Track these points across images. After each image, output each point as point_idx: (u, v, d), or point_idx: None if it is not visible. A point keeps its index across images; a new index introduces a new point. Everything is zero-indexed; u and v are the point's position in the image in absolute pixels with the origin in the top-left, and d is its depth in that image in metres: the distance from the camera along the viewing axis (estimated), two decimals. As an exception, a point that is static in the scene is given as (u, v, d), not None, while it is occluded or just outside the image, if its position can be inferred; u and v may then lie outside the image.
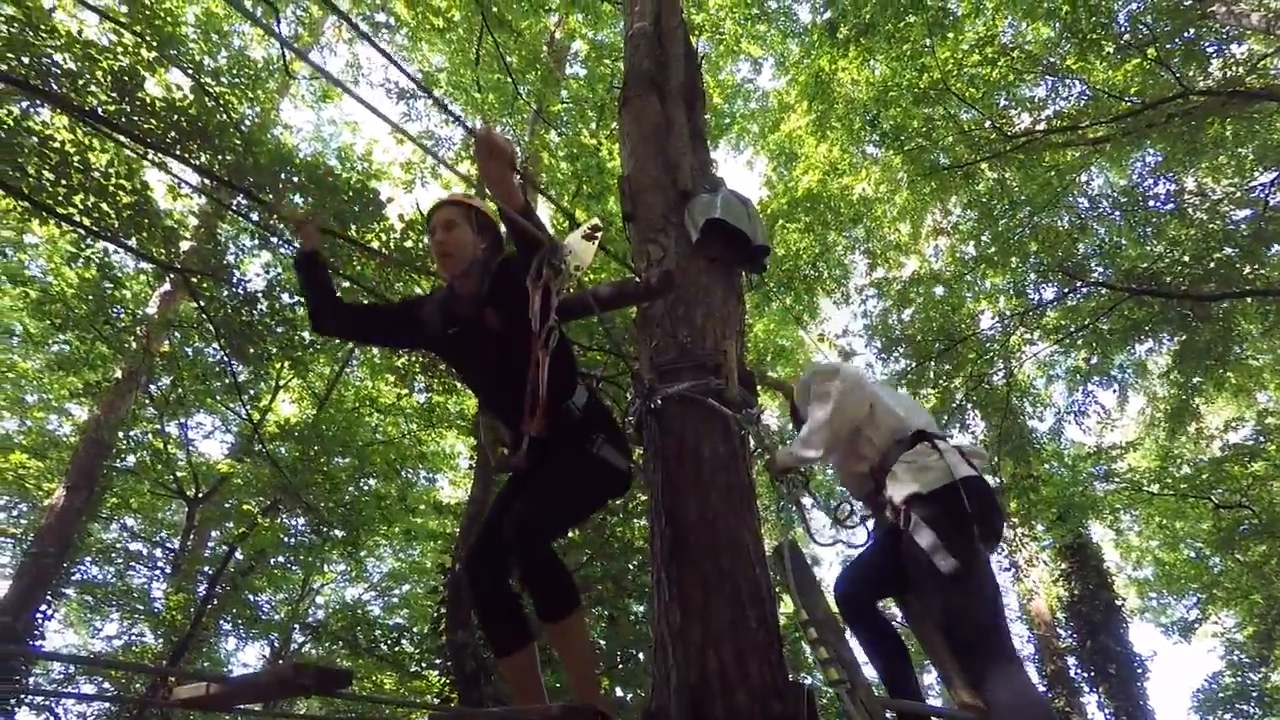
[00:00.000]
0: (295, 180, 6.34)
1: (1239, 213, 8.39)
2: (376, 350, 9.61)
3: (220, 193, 6.88)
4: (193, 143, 5.93)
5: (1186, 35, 7.43)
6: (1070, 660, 13.62)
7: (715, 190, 3.39)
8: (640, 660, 7.88)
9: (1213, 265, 7.82)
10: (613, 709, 2.09)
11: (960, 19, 8.96)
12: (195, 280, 6.50)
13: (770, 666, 2.26)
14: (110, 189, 5.78)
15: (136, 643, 11.23)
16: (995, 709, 1.98)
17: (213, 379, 8.56)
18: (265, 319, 6.64)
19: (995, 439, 10.17)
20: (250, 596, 11.44)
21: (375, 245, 6.58)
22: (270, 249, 7.41)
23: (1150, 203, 8.98)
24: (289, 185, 6.33)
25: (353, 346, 9.67)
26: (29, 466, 10.58)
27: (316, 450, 9.18)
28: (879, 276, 12.11)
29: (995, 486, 10.88)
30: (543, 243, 1.96)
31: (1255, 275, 7.83)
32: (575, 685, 2.07)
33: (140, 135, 5.56)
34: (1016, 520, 13.38)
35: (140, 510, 11.86)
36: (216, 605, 10.29)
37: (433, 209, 2.30)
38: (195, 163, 5.93)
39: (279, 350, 7.09)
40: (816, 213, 10.52)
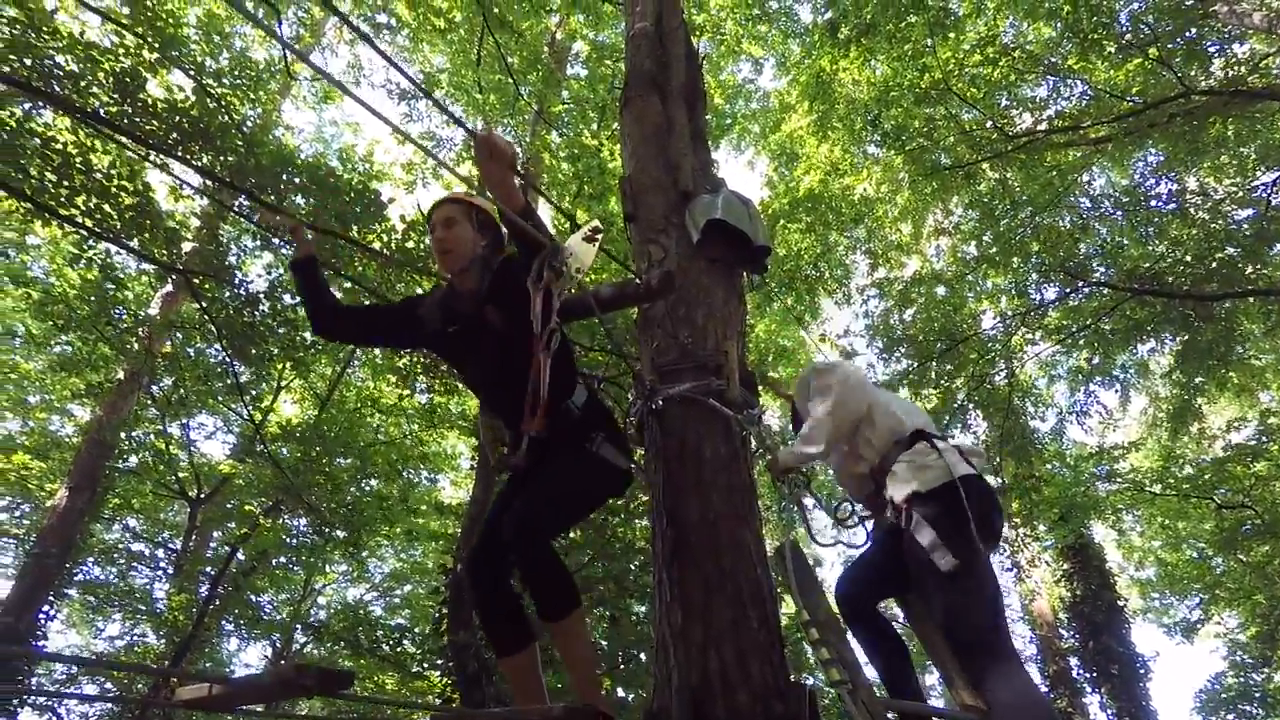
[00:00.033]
0: (297, 181, 6.35)
1: (1241, 212, 8.39)
2: (378, 351, 9.62)
3: (222, 194, 6.89)
4: (194, 144, 5.94)
5: (1188, 35, 7.43)
6: (1073, 661, 13.61)
7: (716, 191, 3.39)
8: (642, 661, 7.88)
9: (1215, 265, 7.81)
10: (614, 709, 2.08)
11: (961, 19, 8.96)
12: (197, 281, 6.51)
13: (772, 667, 2.26)
14: (112, 190, 5.80)
15: (139, 643, 11.23)
16: (996, 709, 1.98)
17: (214, 380, 8.58)
18: (267, 320, 6.64)
19: (997, 439, 10.16)
20: (252, 597, 11.44)
21: (377, 246, 6.59)
22: (272, 250, 7.42)
23: (1152, 202, 8.97)
24: (290, 186, 6.34)
25: (354, 347, 9.68)
26: (31, 467, 10.59)
27: (318, 451, 9.19)
28: (880, 277, 12.10)
29: (996, 486, 10.91)
30: (543, 244, 1.96)
31: (1257, 275, 7.82)
32: (577, 685, 2.07)
33: (142, 137, 5.57)
34: (1019, 521, 13.37)
35: (142, 511, 11.88)
36: (218, 606, 10.29)
37: (433, 207, 2.31)
38: (197, 164, 5.93)
39: (281, 351, 7.10)
40: (818, 213, 10.52)
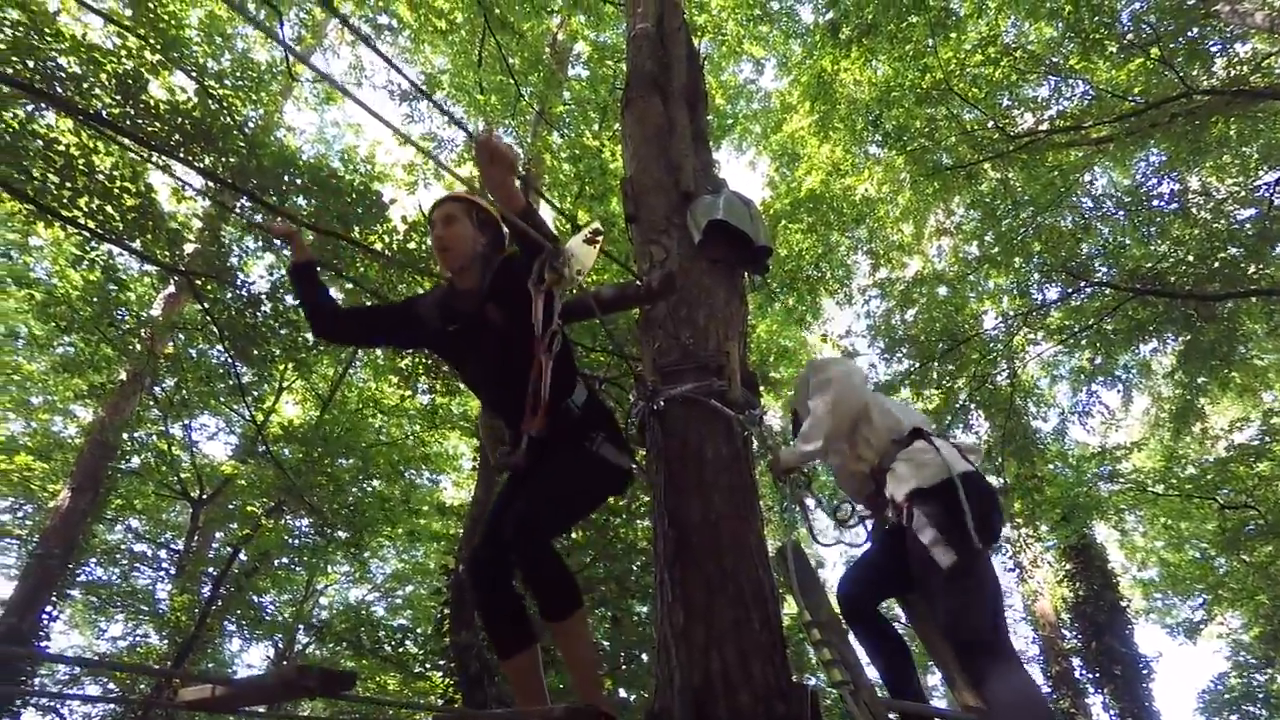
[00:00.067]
0: (299, 183, 6.36)
1: (1243, 212, 8.37)
2: (379, 352, 9.63)
3: (224, 195, 6.90)
4: (196, 145, 5.96)
5: (1190, 34, 7.42)
6: (1075, 661, 13.59)
7: (717, 191, 3.39)
8: (644, 661, 7.88)
9: (1217, 265, 7.80)
10: (616, 710, 2.08)
11: (963, 19, 8.95)
12: (199, 282, 6.52)
13: (774, 668, 2.26)
14: (115, 192, 5.81)
15: (141, 644, 11.24)
16: (994, 707, 1.97)
17: (216, 381, 8.60)
18: (269, 321, 6.65)
19: (999, 439, 10.15)
20: (254, 598, 11.44)
21: (378, 247, 6.59)
22: (274, 251, 7.43)
23: (1154, 202, 8.96)
24: (292, 188, 6.34)
25: (356, 349, 9.69)
26: (34, 468, 10.61)
27: (320, 452, 9.20)
28: (882, 277, 12.09)
29: (998, 487, 10.90)
30: (544, 246, 1.96)
31: (1260, 275, 7.80)
32: (578, 685, 2.07)
33: (144, 138, 5.58)
34: (1021, 521, 13.36)
35: (145, 512, 11.90)
36: (221, 606, 10.31)
37: (434, 205, 2.32)
38: (199, 165, 5.95)
39: (282, 352, 7.11)
40: (819, 213, 10.51)
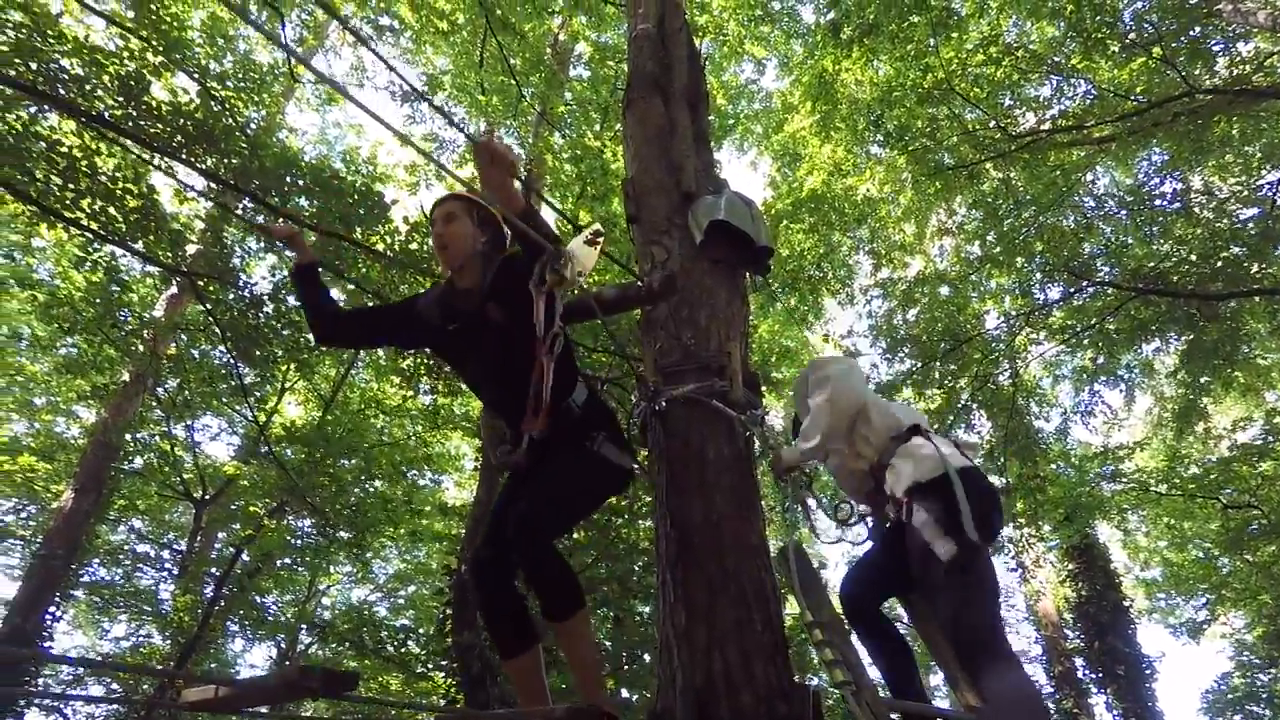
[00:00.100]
0: (301, 184, 6.37)
1: (1246, 211, 8.35)
2: (381, 352, 9.64)
3: (226, 196, 6.92)
4: (199, 146, 5.96)
5: (1192, 34, 7.40)
6: (1078, 661, 13.58)
7: (719, 192, 3.40)
8: (646, 661, 7.88)
9: (1220, 264, 7.78)
10: (618, 710, 2.08)
11: (964, 19, 8.93)
12: (201, 283, 6.53)
13: (776, 668, 2.26)
14: (117, 193, 5.82)
15: (144, 644, 11.27)
16: (991, 705, 1.97)
17: (219, 381, 8.61)
18: (271, 322, 6.66)
19: (1001, 439, 10.13)
20: (257, 598, 11.46)
21: (380, 248, 6.60)
22: (276, 252, 7.44)
23: (1156, 202, 8.94)
24: (294, 189, 6.35)
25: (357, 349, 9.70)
26: (37, 469, 10.64)
27: (322, 452, 9.21)
28: (884, 277, 12.07)
29: (1000, 486, 10.88)
30: (545, 248, 1.96)
31: (1263, 274, 7.78)
32: (581, 685, 2.07)
33: (147, 139, 5.60)
34: (1023, 521, 13.31)
35: (147, 512, 11.92)
36: (224, 607, 10.32)
37: (435, 204, 2.33)
38: (201, 166, 5.96)
39: (285, 353, 7.12)
40: (821, 213, 10.50)
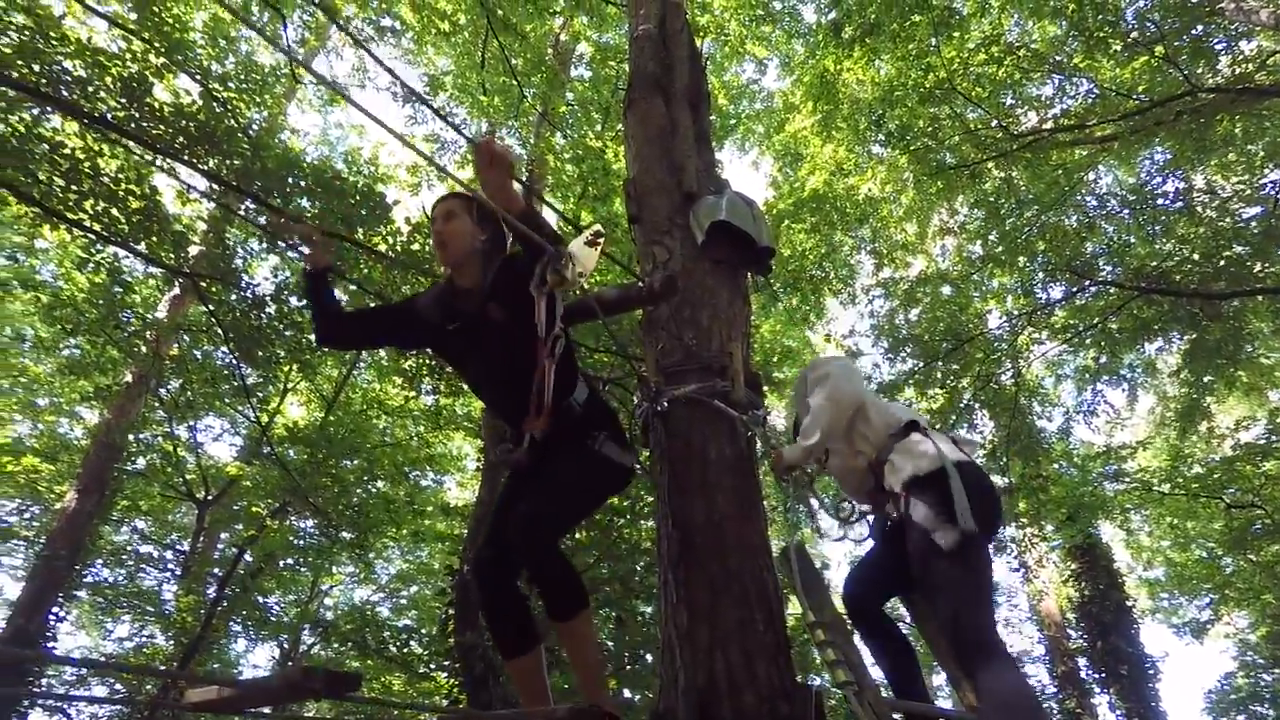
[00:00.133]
0: (302, 184, 6.38)
1: (1249, 210, 8.32)
2: (384, 353, 9.66)
3: (228, 197, 6.93)
4: (201, 148, 5.97)
5: (1195, 32, 7.39)
6: (1081, 661, 13.56)
7: (720, 192, 3.40)
8: (648, 661, 7.89)
9: (1223, 263, 7.76)
10: (620, 710, 2.08)
11: (966, 18, 8.92)
12: (204, 284, 6.54)
13: (778, 668, 2.26)
14: (120, 194, 5.84)
15: (147, 644, 11.29)
16: (986, 703, 1.97)
17: (221, 382, 8.63)
18: (274, 322, 6.67)
19: (1004, 439, 10.12)
20: (260, 598, 11.48)
21: (382, 248, 6.61)
22: (278, 253, 7.46)
23: (1159, 201, 8.92)
24: (296, 190, 6.36)
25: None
26: (41, 470, 10.67)
27: (325, 453, 9.23)
28: (886, 277, 12.06)
29: (1003, 486, 10.87)
30: (545, 249, 1.96)
31: (1266, 273, 7.77)
32: (583, 685, 2.07)
33: (149, 141, 5.60)
34: (1026, 520, 13.32)
35: (150, 513, 11.93)
36: (226, 607, 10.34)
37: (435, 203, 2.34)
38: (204, 168, 5.96)
39: (287, 353, 7.13)
40: (822, 213, 10.49)
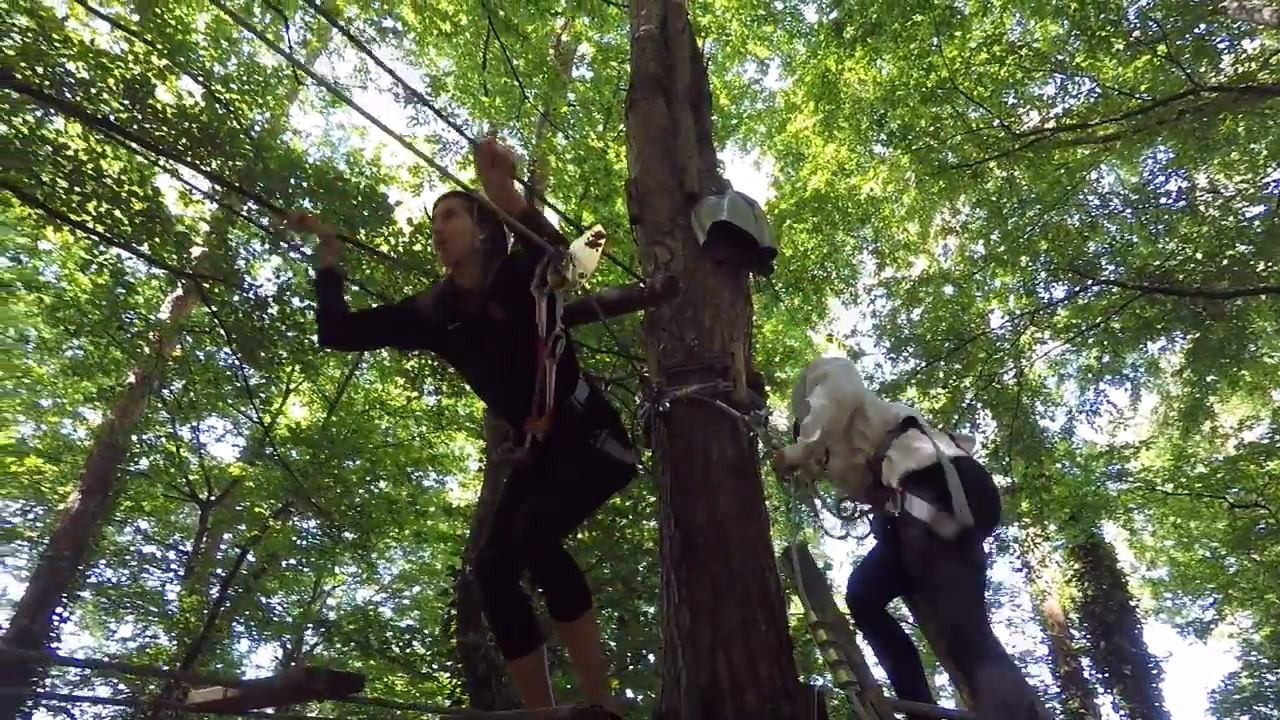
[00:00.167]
0: (305, 185, 6.39)
1: (1252, 209, 8.30)
2: (386, 353, 9.67)
3: (231, 198, 6.94)
4: (203, 149, 5.99)
5: (1197, 31, 7.37)
6: (1084, 661, 13.54)
7: (722, 192, 3.40)
8: (650, 662, 7.89)
9: (1226, 262, 7.75)
10: (623, 710, 2.09)
11: (968, 18, 8.91)
12: (207, 285, 6.56)
13: (780, 668, 2.27)
14: (123, 196, 5.85)
15: (151, 645, 11.31)
16: (984, 698, 1.97)
17: (224, 383, 8.63)
18: (276, 323, 6.68)
19: (1006, 438, 10.11)
20: (262, 598, 11.50)
21: (384, 249, 6.62)
22: (281, 254, 7.47)
23: (1162, 200, 8.90)
24: (299, 190, 6.37)
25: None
26: (44, 471, 10.69)
27: (327, 453, 9.24)
28: (888, 276, 12.05)
29: (1006, 486, 10.85)
30: (545, 249, 1.96)
31: (1269, 272, 7.75)
32: (585, 686, 2.08)
33: (152, 142, 5.61)
34: (1029, 520, 13.29)
35: (153, 513, 11.96)
36: (229, 607, 10.35)
37: (435, 201, 2.35)
38: (206, 169, 5.98)
39: (289, 354, 7.14)
40: (824, 213, 10.48)
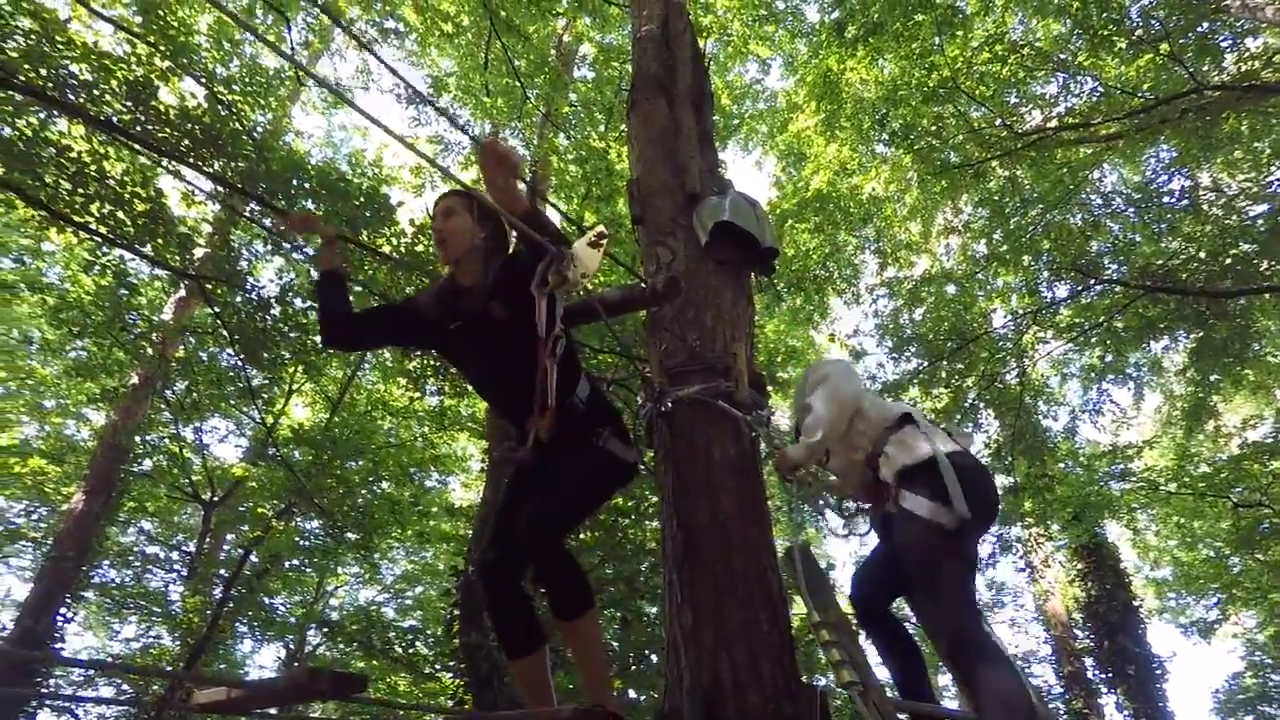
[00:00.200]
0: (307, 186, 6.40)
1: (1255, 208, 8.28)
2: (388, 353, 9.68)
3: (233, 199, 6.95)
4: (206, 150, 5.99)
5: (1200, 30, 7.36)
6: (1088, 661, 13.50)
7: (723, 193, 3.40)
8: (653, 662, 7.89)
9: (1229, 261, 7.73)
10: (625, 710, 2.09)
11: (969, 17, 8.90)
12: (209, 286, 6.56)
13: (783, 668, 2.27)
14: (126, 197, 5.86)
15: (154, 645, 11.32)
16: (986, 699, 1.96)
17: (227, 384, 8.64)
18: (278, 324, 6.69)
19: (1009, 438, 10.09)
20: (265, 599, 11.51)
21: (386, 250, 6.63)
22: (283, 255, 7.48)
23: (1164, 199, 8.88)
24: (301, 191, 6.38)
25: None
26: (48, 471, 10.71)
27: (329, 454, 9.25)
28: (890, 276, 12.04)
29: (1009, 485, 10.83)
30: (547, 249, 1.97)
31: (1272, 271, 7.72)
32: (588, 686, 2.08)
33: (155, 144, 5.63)
34: (1032, 520, 13.26)
35: (157, 514, 11.98)
36: (232, 608, 10.36)
37: (436, 200, 2.36)
38: (209, 170, 5.98)
39: (292, 355, 7.15)
40: (826, 213, 10.47)
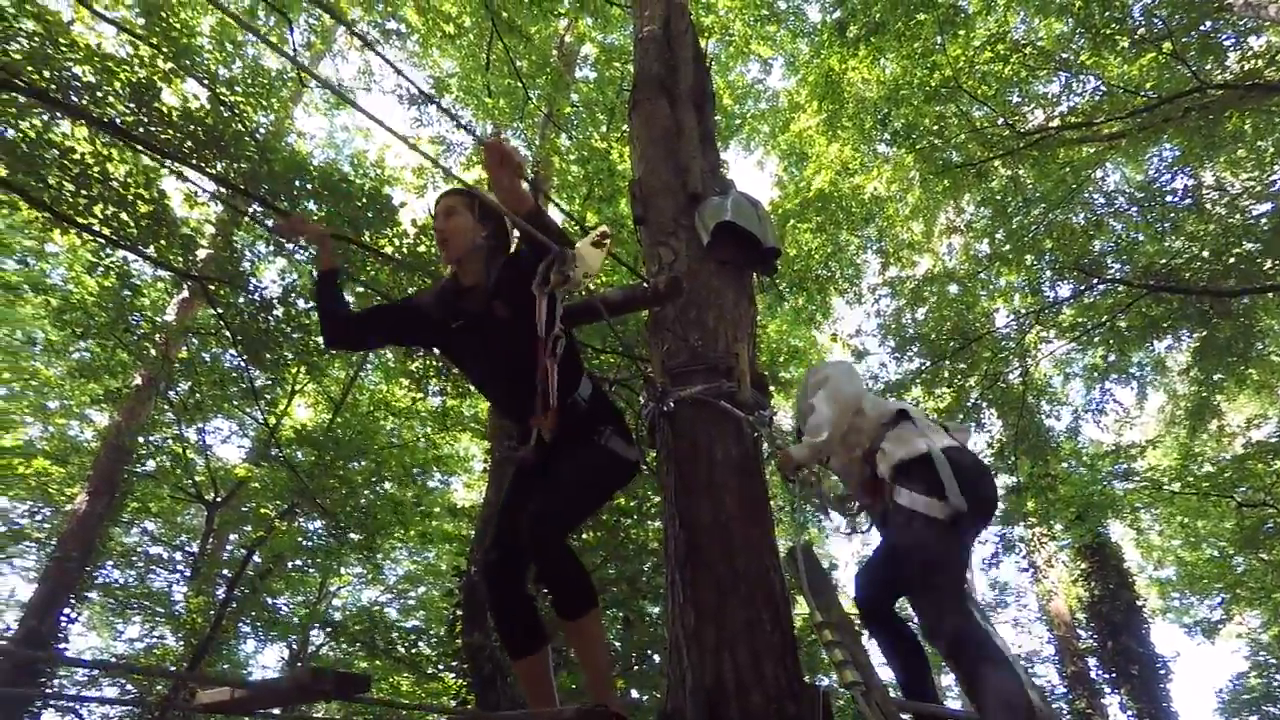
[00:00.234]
0: (309, 187, 6.40)
1: (1259, 207, 8.25)
2: (390, 354, 9.69)
3: (236, 200, 6.96)
4: (209, 151, 6.00)
5: (1203, 28, 7.34)
6: (1091, 661, 13.47)
7: (725, 193, 3.40)
8: (656, 662, 7.89)
9: (1232, 260, 7.71)
10: (628, 710, 2.09)
11: (971, 16, 8.89)
12: (212, 287, 6.58)
13: (785, 668, 2.27)
14: (129, 198, 5.87)
15: (158, 645, 11.34)
16: (987, 699, 1.96)
17: (230, 384, 8.66)
18: (281, 325, 6.69)
19: (1012, 438, 10.08)
20: (269, 599, 11.53)
21: (389, 250, 6.63)
22: (286, 255, 7.49)
23: (1167, 198, 8.86)
24: (303, 192, 6.39)
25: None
26: (51, 472, 10.74)
27: (332, 454, 9.26)
28: (892, 276, 12.03)
29: (1012, 485, 10.81)
30: (550, 249, 1.97)
31: (1276, 270, 7.70)
32: (591, 685, 2.08)
33: (158, 145, 5.64)
34: (1035, 520, 13.24)
35: (160, 514, 12.00)
36: (236, 608, 10.38)
37: (437, 200, 2.36)
38: (211, 171, 5.99)
39: (295, 355, 7.15)
40: (828, 212, 10.47)
